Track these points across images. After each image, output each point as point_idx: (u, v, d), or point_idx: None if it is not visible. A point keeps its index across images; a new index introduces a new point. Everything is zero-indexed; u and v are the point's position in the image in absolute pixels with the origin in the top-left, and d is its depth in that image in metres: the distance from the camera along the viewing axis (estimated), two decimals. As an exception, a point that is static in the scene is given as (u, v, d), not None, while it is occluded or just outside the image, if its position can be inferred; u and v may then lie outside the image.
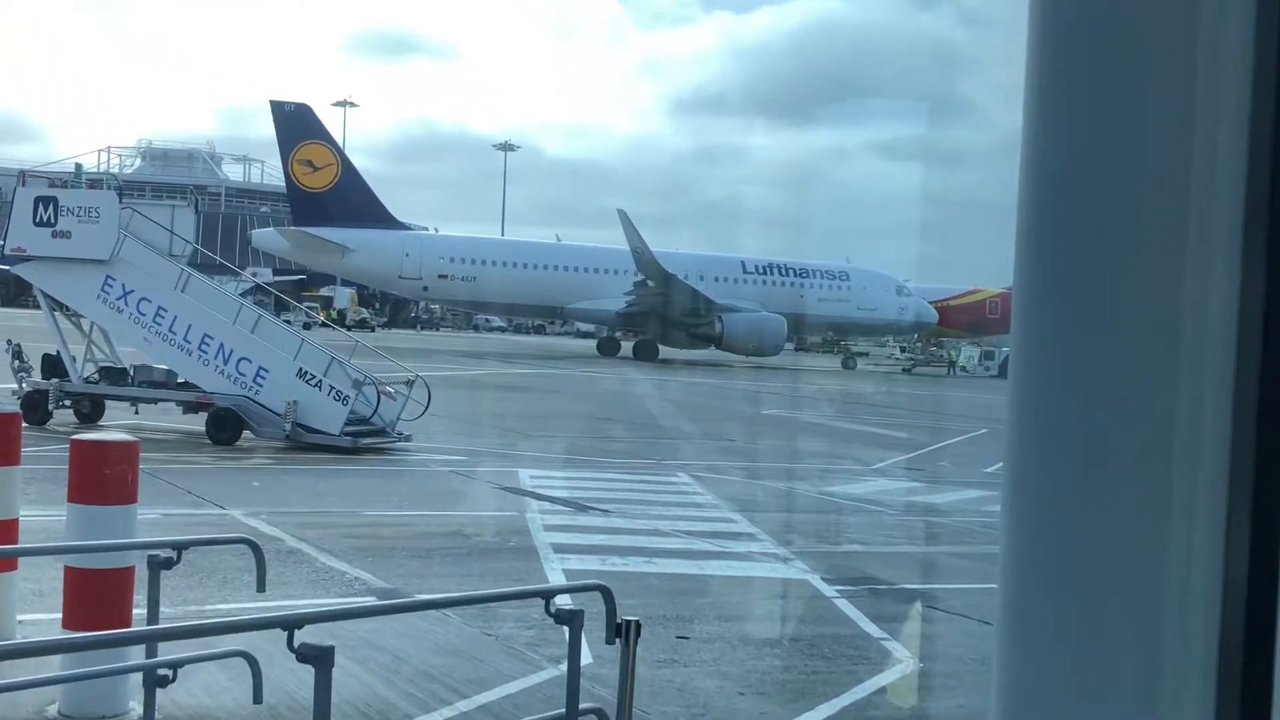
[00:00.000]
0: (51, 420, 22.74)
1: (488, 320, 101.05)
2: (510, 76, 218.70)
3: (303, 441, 21.71)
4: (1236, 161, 1.34)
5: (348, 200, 63.84)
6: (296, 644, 5.19)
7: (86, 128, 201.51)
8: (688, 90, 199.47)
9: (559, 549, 13.95)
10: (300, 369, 22.10)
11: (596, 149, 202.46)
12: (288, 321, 31.64)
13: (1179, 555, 1.35)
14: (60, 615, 8.13)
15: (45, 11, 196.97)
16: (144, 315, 22.47)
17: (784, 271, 68.33)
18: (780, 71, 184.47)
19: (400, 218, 69.18)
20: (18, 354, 23.44)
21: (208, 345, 22.28)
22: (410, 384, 23.49)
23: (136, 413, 23.61)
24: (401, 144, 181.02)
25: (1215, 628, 1.35)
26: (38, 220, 22.67)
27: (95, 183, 27.49)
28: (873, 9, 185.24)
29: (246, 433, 22.06)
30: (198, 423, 22.47)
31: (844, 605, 12.13)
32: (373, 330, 76.93)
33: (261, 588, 7.42)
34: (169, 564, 7.30)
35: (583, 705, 6.56)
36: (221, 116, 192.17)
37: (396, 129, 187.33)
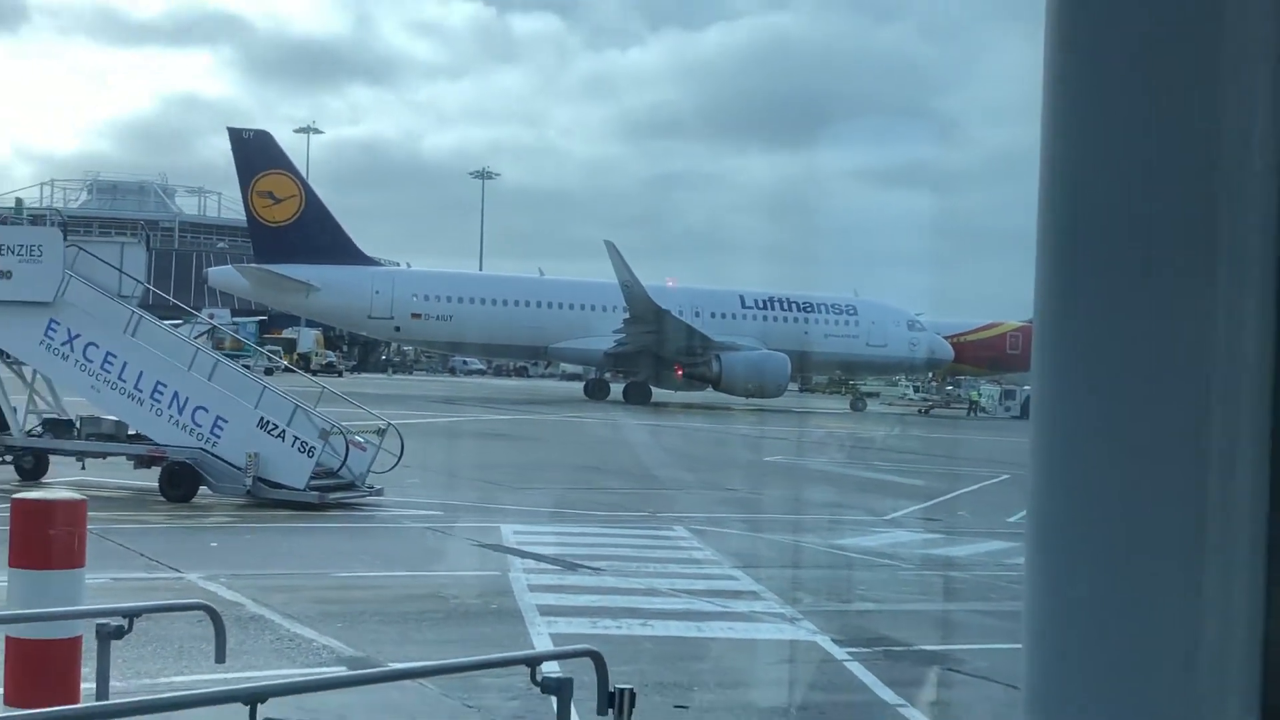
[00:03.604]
0: (-10, 477, 22.67)
1: (465, 362, 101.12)
2: (456, 99, 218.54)
3: (265, 497, 21.64)
4: (1267, 178, 1.35)
5: (312, 234, 63.87)
6: (260, 719, 5.16)
7: (29, 159, 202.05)
8: (640, 112, 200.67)
9: (546, 611, 13.90)
10: (262, 418, 22.06)
11: (558, 175, 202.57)
12: (247, 366, 31.61)
13: (1217, 603, 1.36)
14: (1, 691, 8.07)
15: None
16: (91, 362, 22.44)
17: (786, 306, 68.47)
18: (738, 92, 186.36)
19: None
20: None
21: (160, 393, 22.24)
22: (382, 433, 23.45)
23: (83, 468, 23.53)
24: (347, 173, 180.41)
25: (1256, 678, 1.36)
26: (-26, 260, 22.67)
27: (38, 218, 27.51)
28: (830, 25, 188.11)
29: (203, 489, 21.99)
30: (150, 478, 22.39)
31: (857, 669, 12.08)
32: (340, 375, 76.91)
33: (221, 658, 7.37)
34: (120, 633, 7.26)
35: (573, 782, 6.51)
36: (163, 145, 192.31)
37: (341, 157, 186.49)
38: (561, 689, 6.38)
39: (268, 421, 22.01)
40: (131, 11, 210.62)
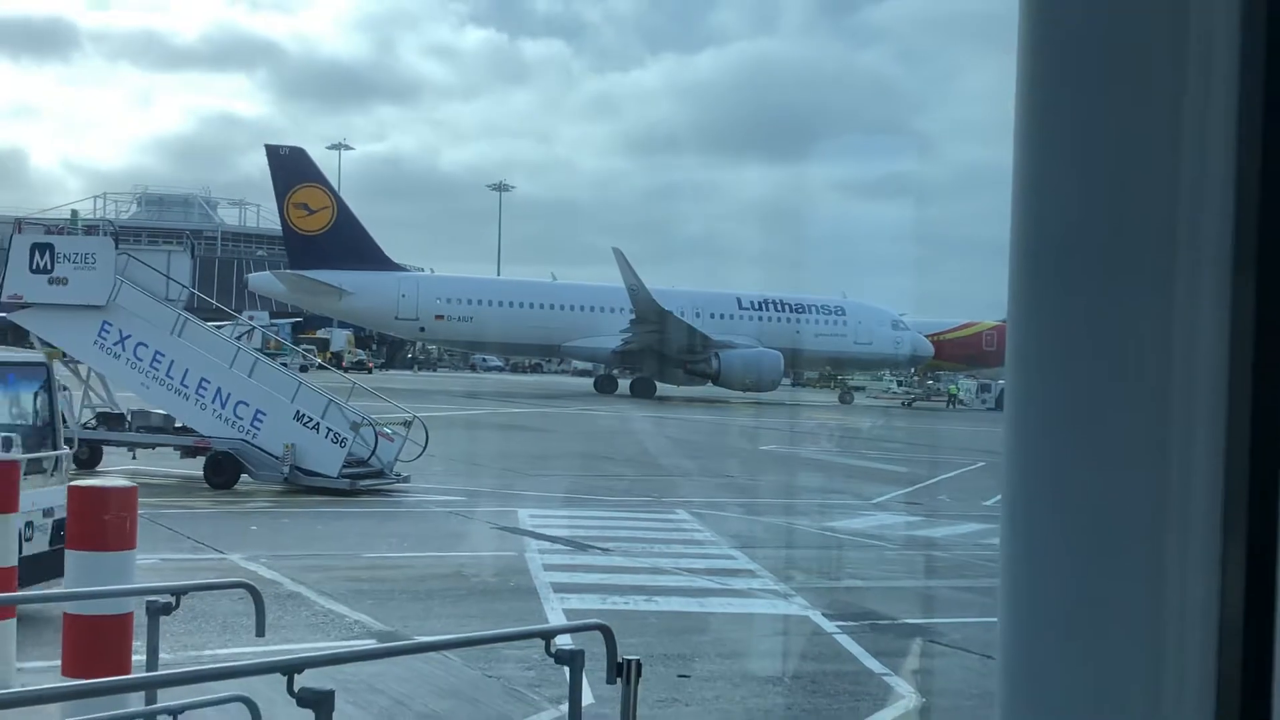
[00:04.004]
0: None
1: (485, 360, 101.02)
2: (472, 118, 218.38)
3: (301, 484, 21.67)
4: (1224, 190, 1.35)
5: (343, 242, 63.85)
6: (297, 688, 5.17)
7: (80, 174, 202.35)
8: (641, 129, 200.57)
9: (559, 588, 13.90)
10: (298, 412, 22.10)
11: (567, 187, 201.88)
12: (285, 364, 31.65)
13: (1175, 579, 1.37)
14: (59, 662, 8.09)
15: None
16: (141, 360, 22.49)
17: (780, 307, 68.41)
18: (731, 110, 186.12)
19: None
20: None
21: (205, 389, 22.29)
22: (408, 425, 23.48)
23: (134, 458, 23.58)
24: (375, 186, 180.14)
25: (1213, 648, 1.36)
26: (34, 267, 22.71)
27: (92, 229, 27.51)
28: (814, 48, 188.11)
29: (244, 476, 22.03)
30: (195, 467, 22.43)
31: (845, 641, 12.08)
32: (370, 371, 76.82)
33: (261, 632, 7.39)
34: (168, 609, 7.27)
35: (585, 746, 6.52)
36: (203, 160, 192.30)
37: (369, 171, 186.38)
38: (574, 660, 6.39)
39: (303, 415, 22.06)
40: (173, 38, 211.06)
